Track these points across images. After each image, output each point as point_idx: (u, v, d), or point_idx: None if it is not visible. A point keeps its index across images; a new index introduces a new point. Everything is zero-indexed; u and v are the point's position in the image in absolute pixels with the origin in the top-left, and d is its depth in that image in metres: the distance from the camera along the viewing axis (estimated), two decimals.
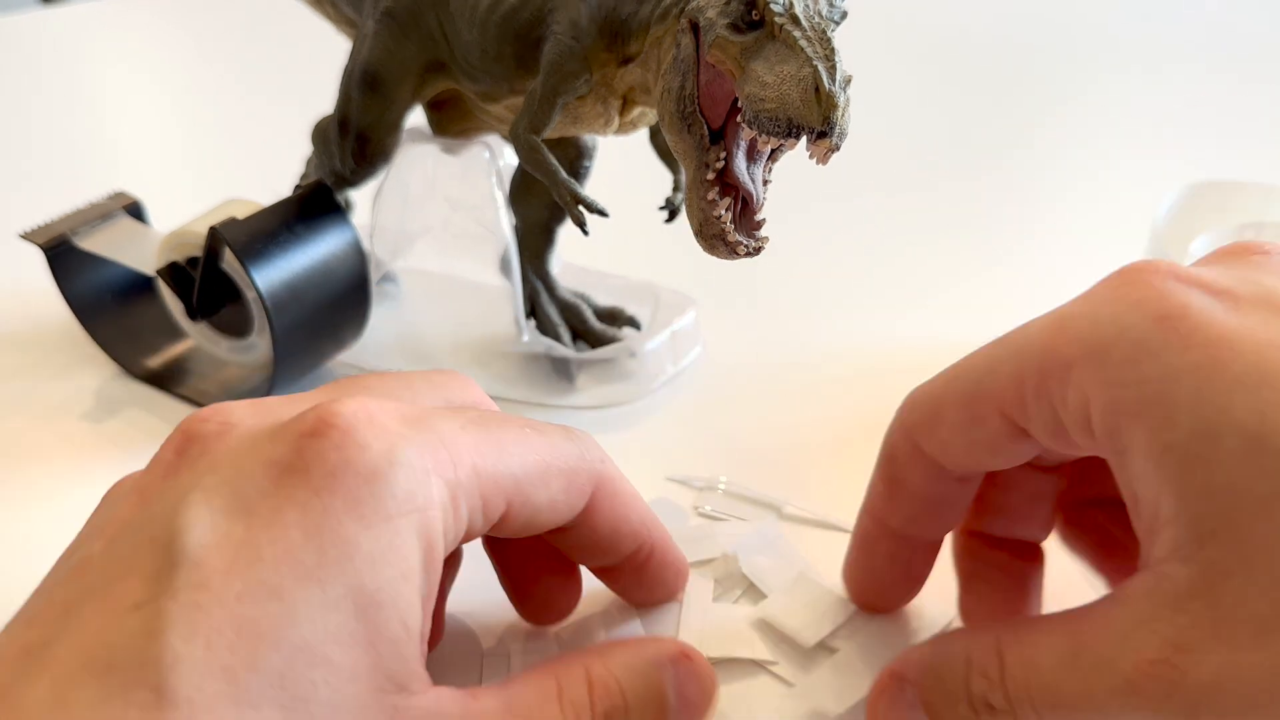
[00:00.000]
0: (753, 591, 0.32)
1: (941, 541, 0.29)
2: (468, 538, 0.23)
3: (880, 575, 0.29)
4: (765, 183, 0.32)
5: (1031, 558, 0.29)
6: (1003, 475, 0.28)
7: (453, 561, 0.28)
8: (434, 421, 0.22)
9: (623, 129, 0.38)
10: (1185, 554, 0.20)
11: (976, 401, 0.24)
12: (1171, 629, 0.20)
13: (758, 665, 0.29)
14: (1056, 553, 0.30)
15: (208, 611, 0.18)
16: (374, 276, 0.43)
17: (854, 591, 0.30)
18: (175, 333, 0.44)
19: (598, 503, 0.25)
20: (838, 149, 0.28)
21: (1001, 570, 0.29)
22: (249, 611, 0.18)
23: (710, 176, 0.31)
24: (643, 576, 0.28)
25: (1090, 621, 0.22)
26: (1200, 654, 0.20)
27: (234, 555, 0.19)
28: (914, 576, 0.29)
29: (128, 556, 0.20)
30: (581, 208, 0.35)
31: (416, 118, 0.42)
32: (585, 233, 0.35)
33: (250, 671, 0.18)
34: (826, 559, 0.34)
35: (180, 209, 0.45)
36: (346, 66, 0.40)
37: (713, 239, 0.31)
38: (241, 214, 0.39)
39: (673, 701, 0.24)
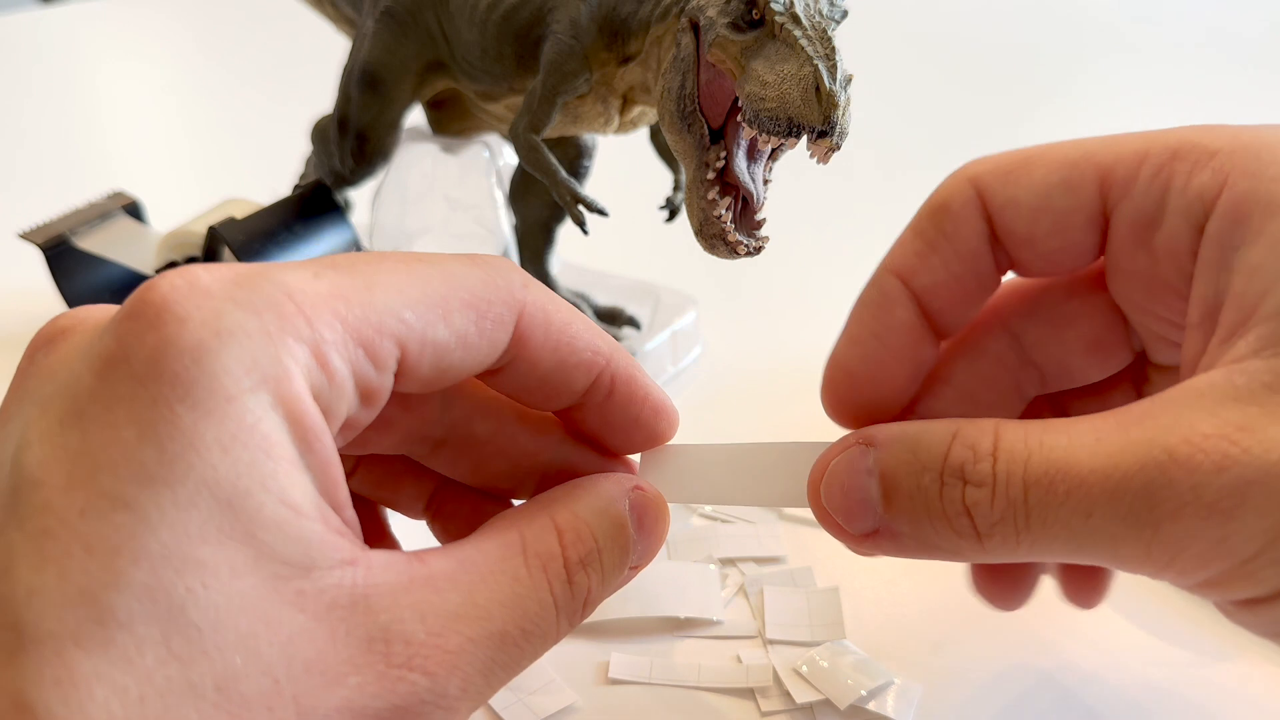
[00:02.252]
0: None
1: (942, 342, 0.26)
2: (373, 397, 0.20)
3: (883, 350, 0.25)
4: (766, 182, 0.32)
5: None
6: (982, 371, 0.26)
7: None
8: (275, 276, 0.19)
9: (623, 128, 0.38)
10: (1276, 350, 0.19)
11: (1080, 165, 0.23)
12: (1240, 414, 0.19)
13: None
14: None
15: (54, 535, 0.17)
16: None
17: (840, 376, 0.25)
18: None
19: (529, 331, 0.22)
20: (838, 148, 0.28)
21: None
22: (96, 527, 0.17)
23: (710, 176, 0.31)
24: (613, 411, 0.24)
25: (1124, 414, 0.20)
26: (1271, 436, 0.18)
27: (72, 467, 0.17)
28: (913, 370, 0.25)
29: None
30: (581, 207, 0.35)
31: (416, 117, 0.42)
32: (585, 232, 0.35)
33: (112, 591, 0.16)
34: (828, 559, 0.34)
35: (179, 208, 0.45)
36: (346, 65, 0.40)
37: (713, 238, 0.31)
38: (240, 213, 0.39)
39: (633, 534, 0.23)
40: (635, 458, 0.26)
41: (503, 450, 0.25)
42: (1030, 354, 0.26)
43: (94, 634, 0.16)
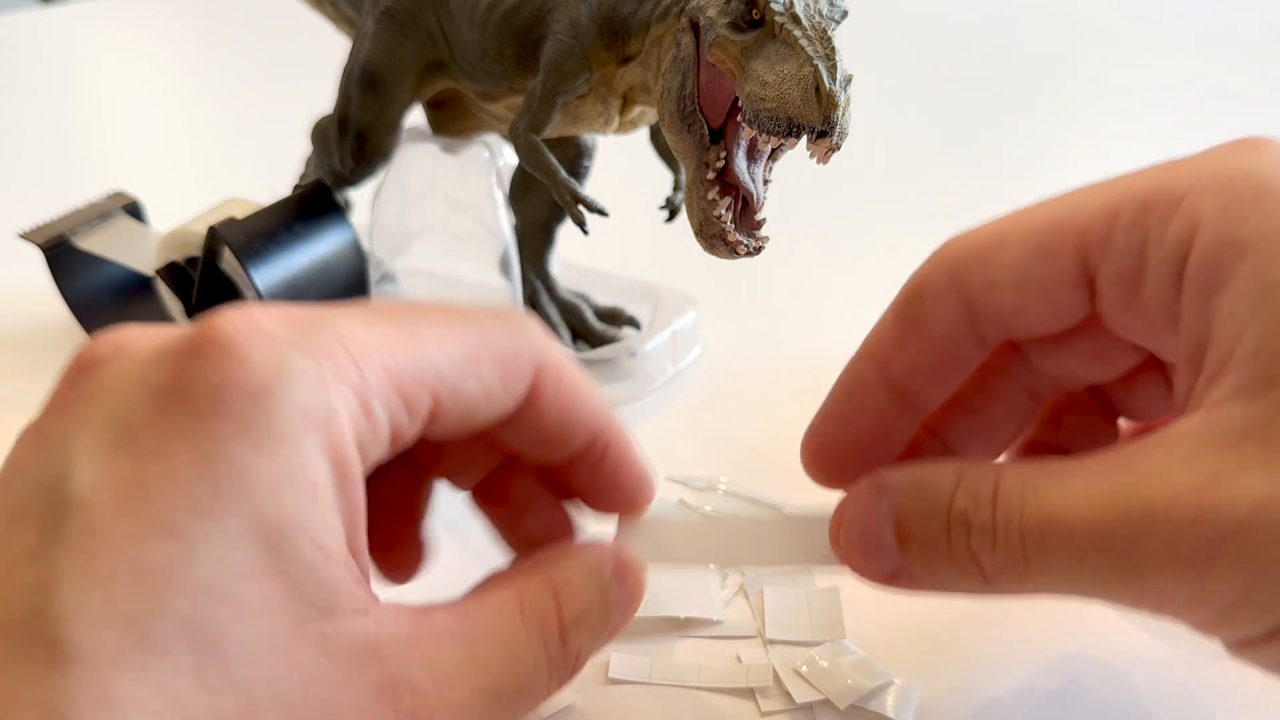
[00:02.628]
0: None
1: (923, 416, 0.26)
2: (400, 442, 0.21)
3: (855, 431, 0.26)
4: (766, 182, 0.32)
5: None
6: (989, 385, 0.26)
7: (419, 479, 0.26)
8: (330, 322, 0.20)
9: (623, 128, 0.38)
10: (1251, 393, 0.19)
11: (1052, 233, 0.23)
12: (1214, 462, 0.19)
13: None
14: None
15: (101, 557, 0.17)
16: (374, 276, 0.43)
17: (815, 448, 0.27)
18: None
19: (542, 388, 0.23)
20: (838, 148, 0.28)
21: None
22: (144, 553, 0.17)
23: (710, 176, 0.31)
24: (601, 474, 0.26)
25: (1111, 460, 0.21)
26: (1241, 487, 0.19)
27: (123, 493, 0.18)
28: (887, 445, 0.26)
29: (20, 505, 0.18)
30: (581, 207, 0.35)
31: (416, 117, 0.42)
32: (585, 232, 0.35)
33: (153, 617, 0.17)
34: None
35: (179, 208, 0.45)
36: (346, 65, 0.40)
37: (713, 239, 0.31)
38: (240, 214, 0.39)
39: (615, 598, 0.24)
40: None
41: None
42: (1041, 366, 0.26)
43: (132, 658, 0.17)
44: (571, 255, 0.47)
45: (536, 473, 0.26)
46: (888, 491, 0.23)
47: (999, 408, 0.27)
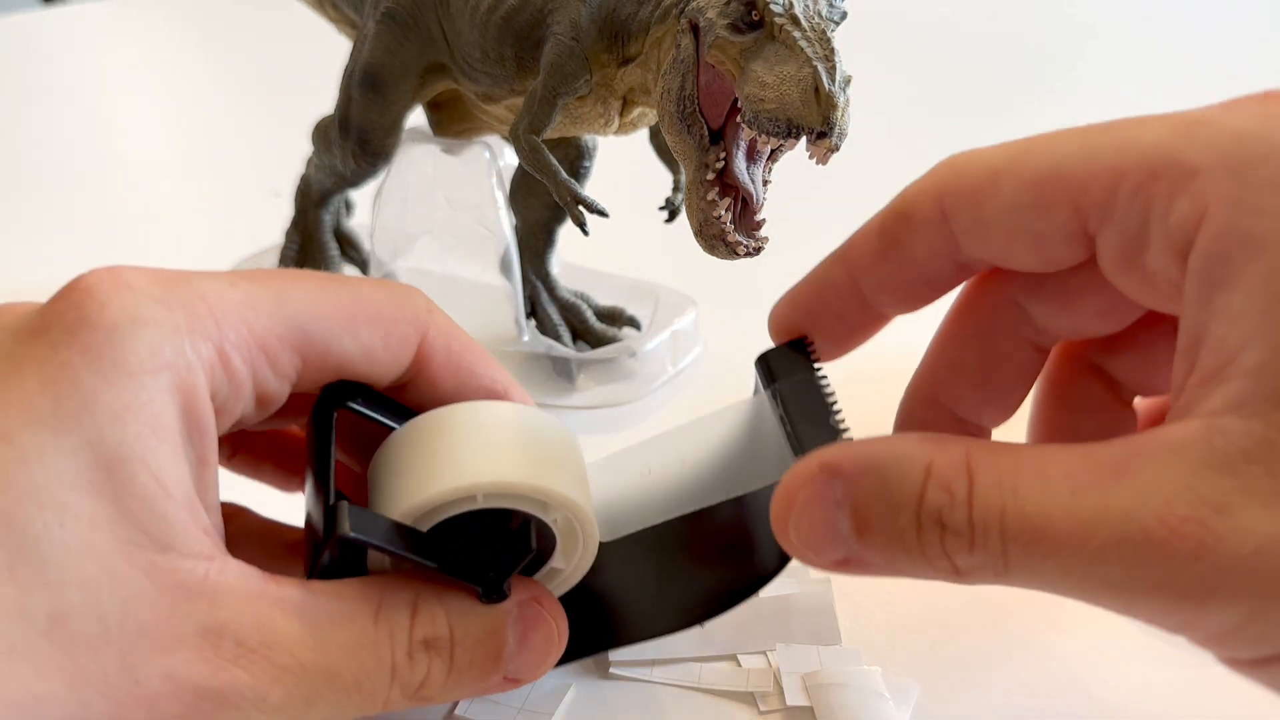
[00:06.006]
0: None
1: (885, 321, 0.25)
2: (268, 400, 0.22)
3: (818, 321, 0.26)
4: (765, 183, 0.32)
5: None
6: (990, 347, 0.25)
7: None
8: (194, 281, 0.21)
9: (623, 129, 0.38)
10: (1253, 410, 0.18)
11: (1050, 184, 0.21)
12: (1214, 489, 0.18)
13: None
14: None
15: None
16: (374, 276, 0.43)
17: (781, 329, 0.27)
18: None
19: (431, 352, 0.24)
20: (837, 149, 0.28)
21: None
22: None
23: (710, 177, 0.31)
24: None
25: (1099, 461, 0.19)
26: (1244, 521, 0.17)
27: None
28: (855, 338, 0.26)
29: None
30: (582, 208, 0.35)
31: (417, 118, 0.42)
32: (585, 233, 0.35)
33: None
34: None
35: (182, 210, 0.45)
36: (347, 67, 0.40)
37: (713, 239, 0.31)
38: None
39: (511, 644, 0.23)
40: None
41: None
42: (1038, 316, 0.25)
43: None
44: (572, 255, 0.47)
45: None
46: (841, 477, 0.21)
47: (1004, 369, 0.26)
